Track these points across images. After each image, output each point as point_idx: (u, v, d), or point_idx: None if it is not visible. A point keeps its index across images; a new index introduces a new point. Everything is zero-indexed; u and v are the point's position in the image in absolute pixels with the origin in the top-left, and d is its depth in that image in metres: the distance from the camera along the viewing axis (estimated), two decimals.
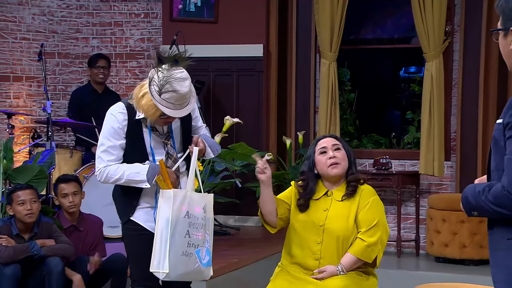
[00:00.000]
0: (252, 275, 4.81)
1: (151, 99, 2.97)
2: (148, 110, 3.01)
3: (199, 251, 3.02)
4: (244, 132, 6.27)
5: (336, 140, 3.28)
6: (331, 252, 3.15)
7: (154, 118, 3.03)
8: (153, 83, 2.97)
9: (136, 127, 3.11)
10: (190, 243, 2.99)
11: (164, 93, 2.95)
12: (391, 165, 6.06)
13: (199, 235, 3.01)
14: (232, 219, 6.48)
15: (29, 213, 4.00)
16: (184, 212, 2.98)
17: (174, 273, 2.97)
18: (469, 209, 2.07)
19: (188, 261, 2.99)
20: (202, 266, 3.03)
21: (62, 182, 4.32)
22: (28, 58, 6.63)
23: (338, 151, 3.23)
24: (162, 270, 2.96)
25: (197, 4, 6.55)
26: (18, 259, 3.90)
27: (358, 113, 6.94)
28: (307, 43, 6.47)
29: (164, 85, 2.94)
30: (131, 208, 3.15)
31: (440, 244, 5.68)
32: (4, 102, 6.50)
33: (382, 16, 7.42)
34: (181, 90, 2.97)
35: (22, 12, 6.64)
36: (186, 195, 3.01)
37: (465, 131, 6.06)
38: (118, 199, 3.23)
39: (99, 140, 3.16)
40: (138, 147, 3.12)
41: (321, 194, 3.23)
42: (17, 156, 5.57)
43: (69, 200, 4.25)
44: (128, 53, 6.90)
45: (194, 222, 3.01)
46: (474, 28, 6.02)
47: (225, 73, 6.51)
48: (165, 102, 2.96)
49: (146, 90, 3.01)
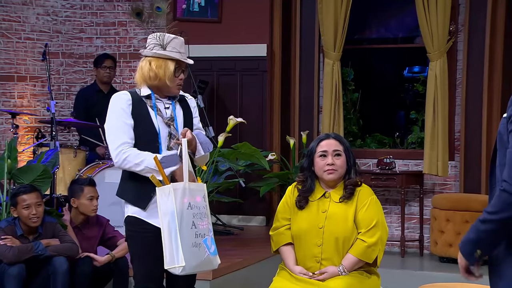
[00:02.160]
0: (255, 275, 4.81)
1: (159, 57, 3.13)
2: (161, 71, 3.12)
3: (206, 240, 3.04)
4: (247, 132, 6.27)
5: (339, 143, 3.29)
6: (331, 254, 3.16)
7: (170, 76, 3.12)
8: (152, 47, 3.15)
9: (141, 107, 3.14)
10: (197, 234, 3.01)
11: (167, 44, 3.14)
12: (395, 165, 6.05)
13: (204, 224, 3.03)
14: (235, 219, 6.48)
15: (34, 217, 4.01)
16: (187, 203, 3.00)
17: (189, 265, 2.98)
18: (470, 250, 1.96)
19: (199, 252, 3.01)
20: (210, 255, 3.06)
21: (88, 185, 4.28)
22: (32, 58, 6.64)
23: (337, 157, 3.25)
24: (178, 265, 2.95)
25: (201, 4, 6.55)
26: (23, 259, 3.91)
27: (361, 112, 6.93)
28: (310, 42, 6.47)
29: (163, 38, 3.15)
30: (148, 196, 3.11)
31: (444, 244, 5.68)
32: (8, 102, 6.51)
33: (386, 15, 7.42)
34: (179, 37, 3.21)
35: (26, 12, 6.65)
36: (185, 186, 3.02)
37: (469, 131, 6.05)
38: (133, 187, 3.14)
39: (106, 124, 3.15)
40: (146, 126, 3.12)
41: (319, 195, 3.25)
42: (21, 155, 5.59)
43: (94, 204, 4.23)
44: (132, 53, 6.90)
45: (197, 212, 3.03)
46: (478, 28, 6.01)
47: (228, 72, 6.51)
48: (173, 53, 3.15)
49: (150, 58, 3.16)
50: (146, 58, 3.17)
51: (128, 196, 3.18)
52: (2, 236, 3.95)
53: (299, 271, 3.19)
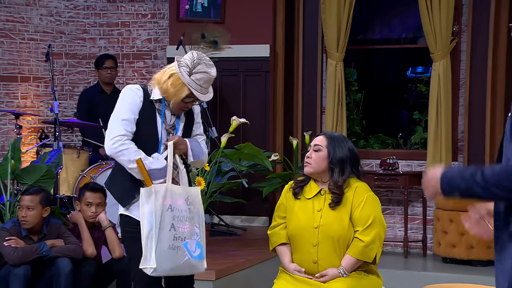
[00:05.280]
0: (258, 276, 4.81)
1: (180, 78, 3.03)
2: (173, 90, 3.05)
3: (187, 243, 3.03)
4: (250, 133, 6.27)
5: (324, 138, 3.24)
6: (328, 253, 3.14)
7: (177, 100, 3.06)
8: (183, 64, 3.05)
9: (150, 108, 3.12)
10: (176, 236, 3.00)
11: (196, 73, 3.03)
12: (398, 165, 6.05)
13: (185, 227, 3.02)
14: (238, 220, 6.48)
15: (23, 220, 4.00)
16: (167, 205, 3.00)
17: (161, 267, 2.98)
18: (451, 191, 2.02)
19: (176, 254, 3.00)
20: (192, 259, 3.04)
21: (89, 190, 4.27)
22: (35, 59, 6.65)
23: (316, 153, 3.21)
24: (149, 265, 2.97)
25: (204, 5, 6.55)
26: (27, 260, 3.91)
27: (365, 113, 6.92)
28: (314, 43, 6.47)
29: (196, 65, 3.03)
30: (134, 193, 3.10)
31: (447, 244, 5.67)
32: (11, 103, 6.53)
33: (389, 16, 7.41)
34: (212, 73, 3.07)
35: (30, 12, 6.67)
36: (167, 188, 3.02)
37: (472, 132, 6.04)
38: (120, 182, 3.14)
39: (115, 111, 3.11)
40: (149, 129, 3.11)
41: (314, 193, 3.22)
42: (24, 156, 5.59)
43: (92, 210, 4.22)
44: (135, 53, 6.92)
45: (178, 214, 3.02)
46: (481, 28, 6.00)
47: (231, 73, 6.51)
48: (194, 83, 3.04)
49: (174, 71, 3.07)
50: (175, 68, 3.08)
51: (114, 190, 3.19)
52: (6, 238, 3.95)
53: (293, 268, 3.17)
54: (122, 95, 3.15)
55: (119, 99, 3.15)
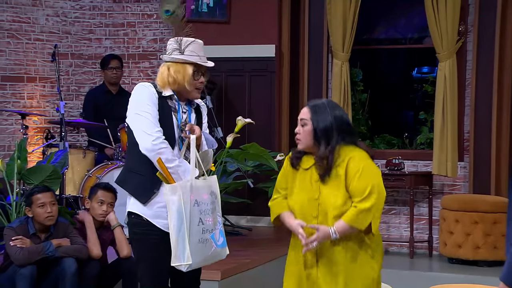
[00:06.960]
0: (264, 276, 4.81)
1: (177, 62, 3.10)
2: (180, 75, 3.09)
3: (213, 235, 3.08)
4: (256, 133, 6.27)
5: (308, 111, 3.10)
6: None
7: (189, 80, 3.10)
8: (171, 50, 3.12)
9: (164, 105, 3.12)
10: (204, 230, 3.04)
11: (186, 48, 3.10)
12: (403, 165, 6.04)
13: (210, 220, 3.06)
14: (244, 220, 6.49)
15: (49, 216, 4.02)
16: (193, 201, 3.01)
17: (195, 261, 3.01)
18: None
19: (205, 247, 3.05)
20: (217, 248, 3.10)
21: (102, 189, 4.26)
22: (41, 59, 6.67)
23: (303, 127, 3.10)
24: (184, 262, 2.99)
25: (210, 5, 6.56)
26: (33, 260, 3.92)
27: (370, 113, 6.92)
28: (319, 43, 6.46)
29: (181, 42, 3.11)
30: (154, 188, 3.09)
31: (453, 245, 5.66)
32: (18, 103, 6.55)
33: (395, 16, 7.40)
34: (198, 40, 3.16)
35: (36, 13, 6.68)
36: (192, 184, 3.03)
37: (478, 132, 6.03)
38: (137, 178, 3.11)
39: (136, 109, 3.08)
40: (166, 127, 3.11)
41: (310, 164, 3.11)
42: (30, 156, 5.61)
43: (103, 209, 4.21)
44: (141, 53, 6.93)
45: (204, 208, 3.05)
46: (488, 28, 5.98)
47: (237, 73, 6.51)
48: (191, 57, 3.11)
49: (169, 63, 3.12)
50: (166, 63, 3.14)
51: (130, 186, 3.14)
52: (12, 238, 3.96)
53: (297, 223, 3.04)
54: (137, 92, 3.13)
55: (136, 95, 3.12)
